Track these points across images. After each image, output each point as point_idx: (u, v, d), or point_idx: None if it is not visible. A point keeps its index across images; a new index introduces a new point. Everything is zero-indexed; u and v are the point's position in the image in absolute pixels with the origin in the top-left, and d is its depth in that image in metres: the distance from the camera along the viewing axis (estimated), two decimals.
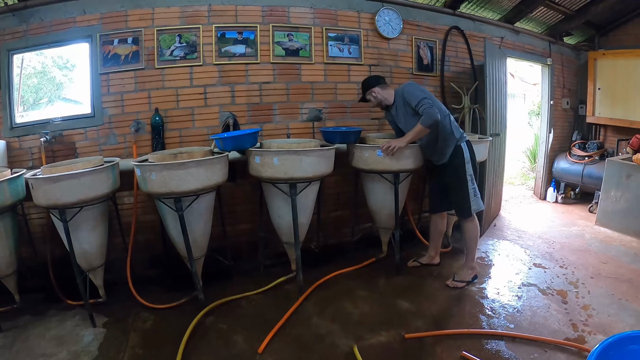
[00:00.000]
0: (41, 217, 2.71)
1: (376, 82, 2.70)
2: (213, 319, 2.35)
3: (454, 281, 2.69)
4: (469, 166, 2.57)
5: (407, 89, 2.58)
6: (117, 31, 2.75)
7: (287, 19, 3.07)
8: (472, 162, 2.60)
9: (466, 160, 2.56)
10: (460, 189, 2.60)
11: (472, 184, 2.58)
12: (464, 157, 2.56)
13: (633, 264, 3.01)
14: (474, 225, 2.68)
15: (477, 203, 2.62)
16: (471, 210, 2.61)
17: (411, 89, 2.56)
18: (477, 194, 2.61)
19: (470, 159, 2.58)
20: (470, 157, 2.59)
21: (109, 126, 2.81)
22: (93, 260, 2.41)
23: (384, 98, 2.69)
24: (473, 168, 2.60)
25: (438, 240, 2.99)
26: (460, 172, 2.58)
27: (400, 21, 3.39)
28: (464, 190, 2.58)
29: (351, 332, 2.18)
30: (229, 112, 2.97)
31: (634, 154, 3.88)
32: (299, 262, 2.62)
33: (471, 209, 2.60)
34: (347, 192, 3.35)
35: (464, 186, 2.57)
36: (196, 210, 2.39)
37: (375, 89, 2.68)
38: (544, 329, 2.18)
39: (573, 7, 4.22)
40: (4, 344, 2.12)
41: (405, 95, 2.55)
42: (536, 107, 7.20)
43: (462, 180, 2.58)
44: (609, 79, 4.61)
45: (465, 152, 2.57)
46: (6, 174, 2.25)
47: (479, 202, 2.64)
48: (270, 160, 2.39)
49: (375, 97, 2.69)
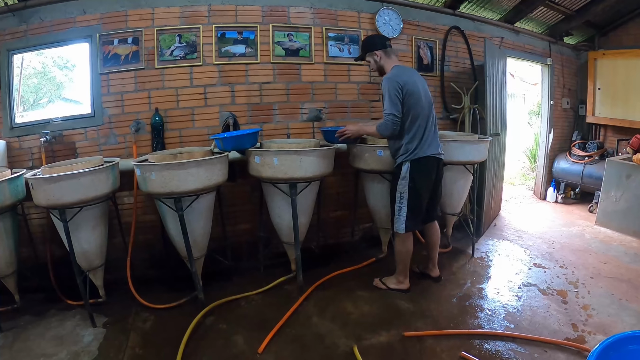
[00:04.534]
0: (41, 217, 2.71)
1: (381, 45, 2.42)
2: (213, 319, 2.34)
3: (379, 281, 2.68)
4: (404, 183, 2.36)
5: (385, 84, 2.30)
6: (117, 31, 2.75)
7: (287, 19, 3.07)
8: (411, 182, 2.35)
9: (402, 177, 2.37)
10: (390, 201, 2.50)
11: (400, 202, 2.38)
12: (400, 172, 2.38)
13: (633, 264, 3.01)
14: (400, 241, 2.50)
15: (397, 223, 2.42)
16: (394, 226, 2.46)
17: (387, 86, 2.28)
18: (401, 215, 2.39)
19: (410, 177, 2.35)
20: (412, 176, 2.34)
21: (109, 126, 2.81)
22: (93, 260, 2.41)
23: (383, 65, 2.42)
24: (411, 189, 2.36)
25: (431, 252, 2.77)
26: (393, 185, 2.45)
27: (400, 21, 3.39)
28: (392, 203, 2.45)
29: (351, 332, 2.18)
30: (229, 112, 2.97)
31: (634, 154, 3.88)
32: (299, 262, 2.62)
33: (394, 225, 2.46)
34: (347, 192, 3.35)
35: (392, 200, 2.44)
36: (196, 210, 2.39)
37: (378, 51, 2.41)
38: (544, 329, 2.18)
39: (573, 7, 4.22)
40: (4, 344, 2.12)
41: (382, 86, 2.32)
42: (536, 107, 7.19)
43: (392, 193, 2.45)
44: (609, 79, 4.61)
45: (404, 169, 2.36)
46: (6, 174, 2.25)
47: (400, 224, 2.41)
48: (270, 160, 2.39)
49: (377, 62, 2.43)
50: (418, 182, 2.37)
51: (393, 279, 2.65)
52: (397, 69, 2.38)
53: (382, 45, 2.43)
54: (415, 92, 2.32)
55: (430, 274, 2.80)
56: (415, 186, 2.37)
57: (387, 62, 2.42)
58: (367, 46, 2.47)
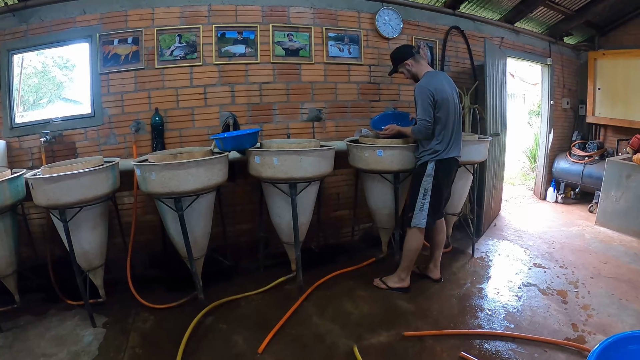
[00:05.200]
0: (41, 217, 2.71)
1: (409, 53, 2.55)
2: (213, 319, 2.34)
3: (379, 280, 2.70)
4: (429, 180, 2.48)
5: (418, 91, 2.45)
6: (117, 31, 2.75)
7: (287, 19, 3.07)
8: (435, 179, 2.48)
9: (427, 174, 2.48)
10: (410, 196, 2.60)
11: (423, 198, 2.49)
12: (425, 169, 2.49)
13: (633, 264, 3.01)
14: (414, 237, 2.56)
15: (418, 218, 2.51)
16: (411, 222, 2.53)
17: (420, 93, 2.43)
18: (423, 210, 2.50)
19: (434, 175, 2.48)
20: (436, 174, 2.48)
21: (109, 126, 2.81)
22: (93, 260, 2.41)
23: (417, 72, 2.55)
24: (435, 186, 2.48)
25: (435, 251, 2.80)
26: (416, 181, 2.54)
27: (400, 21, 3.39)
28: (413, 199, 2.54)
29: (351, 332, 2.18)
30: (229, 112, 2.97)
31: (634, 154, 3.88)
32: (299, 262, 2.62)
33: (411, 220, 2.53)
34: (347, 192, 3.35)
35: (414, 196, 2.53)
36: (196, 210, 2.39)
37: (409, 61, 2.53)
38: (544, 329, 2.18)
39: (573, 7, 4.22)
40: (4, 344, 2.12)
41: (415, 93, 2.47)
42: (536, 107, 7.20)
43: (414, 189, 2.55)
44: (609, 79, 4.61)
45: (430, 168, 2.48)
46: (6, 174, 2.25)
47: (421, 219, 2.51)
48: (270, 160, 2.39)
49: (409, 70, 2.56)
50: (441, 181, 2.51)
51: (394, 277, 2.68)
52: (429, 75, 2.50)
53: (410, 54, 2.54)
54: (445, 98, 2.44)
55: (431, 275, 2.80)
56: (439, 184, 2.51)
57: (419, 69, 2.54)
58: (397, 59, 2.58)
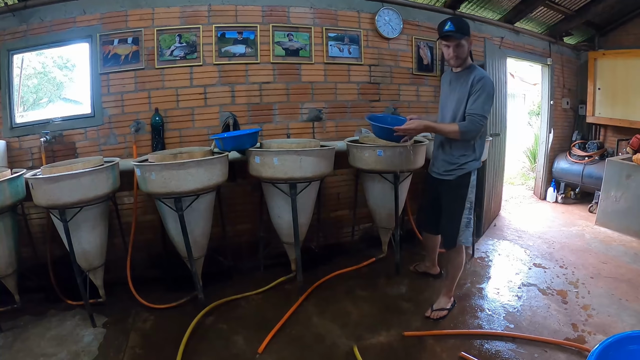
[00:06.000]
0: (41, 217, 2.71)
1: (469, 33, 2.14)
2: (213, 319, 2.35)
3: (434, 311, 2.32)
4: (473, 192, 2.23)
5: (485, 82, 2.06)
6: (117, 31, 2.75)
7: (287, 19, 3.07)
8: (476, 190, 2.26)
9: (471, 185, 2.22)
10: (454, 214, 2.25)
11: (469, 213, 2.24)
12: (469, 180, 2.21)
13: (633, 264, 3.01)
14: (460, 256, 2.33)
15: (466, 236, 2.27)
16: (456, 241, 2.26)
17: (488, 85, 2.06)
18: (470, 227, 2.27)
19: (476, 185, 2.25)
20: (477, 183, 2.26)
21: (109, 126, 2.81)
22: (93, 260, 2.41)
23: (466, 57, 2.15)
24: (475, 196, 2.28)
25: (432, 253, 2.79)
26: (460, 194, 2.22)
27: (400, 21, 3.39)
28: (457, 217, 2.23)
29: (351, 332, 2.18)
30: (229, 112, 2.97)
31: (634, 154, 3.88)
32: (299, 262, 2.62)
33: (456, 240, 2.26)
34: (347, 192, 3.35)
35: (459, 213, 2.23)
36: (196, 210, 2.39)
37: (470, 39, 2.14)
38: (544, 329, 2.18)
39: (573, 7, 4.22)
40: (4, 344, 2.12)
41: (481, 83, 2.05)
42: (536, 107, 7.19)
43: (459, 205, 2.23)
44: (609, 79, 4.61)
45: (473, 178, 2.22)
46: (6, 174, 2.25)
47: (468, 237, 2.30)
48: (270, 160, 2.39)
49: (467, 49, 2.14)
50: (478, 189, 2.30)
51: (444, 299, 2.38)
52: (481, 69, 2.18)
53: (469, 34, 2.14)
54: None
55: (431, 272, 2.84)
56: (477, 194, 2.28)
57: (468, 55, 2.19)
58: (467, 28, 2.10)
